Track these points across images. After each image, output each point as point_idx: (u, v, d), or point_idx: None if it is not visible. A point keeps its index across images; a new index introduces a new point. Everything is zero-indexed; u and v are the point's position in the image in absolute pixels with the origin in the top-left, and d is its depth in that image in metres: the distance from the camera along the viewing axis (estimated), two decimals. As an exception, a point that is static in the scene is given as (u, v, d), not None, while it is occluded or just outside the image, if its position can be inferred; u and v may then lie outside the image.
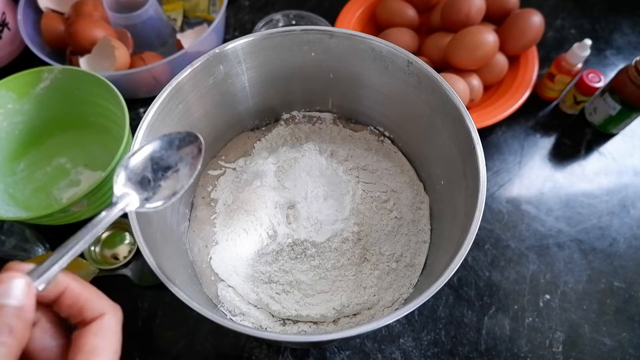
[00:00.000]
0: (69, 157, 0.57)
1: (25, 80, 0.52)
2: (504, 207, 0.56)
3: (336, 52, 0.44)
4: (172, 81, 0.39)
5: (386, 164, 0.50)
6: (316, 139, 0.53)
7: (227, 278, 0.44)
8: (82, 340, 0.21)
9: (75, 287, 0.23)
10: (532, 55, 0.63)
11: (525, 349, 0.47)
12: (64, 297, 0.22)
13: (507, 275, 0.51)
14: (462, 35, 0.57)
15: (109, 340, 0.22)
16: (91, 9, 0.62)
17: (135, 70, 0.56)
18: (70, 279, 0.23)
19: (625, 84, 0.55)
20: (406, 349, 0.47)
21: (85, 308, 0.22)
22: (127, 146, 0.48)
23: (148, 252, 0.32)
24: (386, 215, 0.47)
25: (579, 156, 0.60)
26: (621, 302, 0.50)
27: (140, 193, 0.29)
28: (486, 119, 0.57)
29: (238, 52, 0.43)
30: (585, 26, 0.72)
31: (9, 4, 0.64)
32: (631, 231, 0.54)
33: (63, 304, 0.22)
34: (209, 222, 0.48)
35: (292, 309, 0.42)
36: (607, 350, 0.47)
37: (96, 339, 0.22)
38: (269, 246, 0.44)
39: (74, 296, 0.22)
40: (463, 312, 0.49)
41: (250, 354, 0.47)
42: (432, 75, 0.40)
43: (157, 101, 0.38)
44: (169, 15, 0.71)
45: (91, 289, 0.23)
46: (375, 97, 0.48)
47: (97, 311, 0.22)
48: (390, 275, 0.44)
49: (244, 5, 0.75)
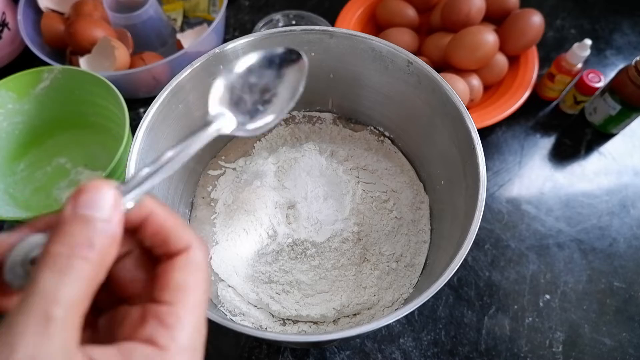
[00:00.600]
0: (69, 157, 0.57)
1: (25, 80, 0.52)
2: (504, 207, 0.56)
3: (336, 52, 0.44)
4: (172, 81, 0.40)
5: (386, 164, 0.50)
6: (316, 139, 0.53)
7: (227, 278, 0.44)
8: (168, 275, 0.19)
9: (160, 213, 0.20)
10: (532, 55, 0.63)
11: (525, 349, 0.47)
12: (148, 224, 0.20)
13: (507, 275, 0.51)
14: (462, 35, 0.57)
15: (197, 277, 0.19)
16: (91, 9, 0.62)
17: (135, 70, 0.56)
18: (154, 203, 0.20)
19: (625, 84, 0.55)
20: (406, 349, 0.47)
21: (170, 238, 0.19)
22: (127, 146, 0.48)
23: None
24: (386, 215, 0.47)
25: (579, 156, 0.60)
26: (621, 302, 0.50)
27: (236, 114, 0.25)
28: (486, 119, 0.57)
29: (238, 52, 0.43)
30: (585, 26, 0.72)
31: (9, 4, 0.64)
32: (631, 231, 0.54)
33: (147, 232, 0.20)
34: (209, 222, 0.48)
35: (292, 309, 0.42)
36: (607, 350, 0.47)
37: (183, 275, 0.19)
38: (269, 246, 0.44)
39: (158, 223, 0.20)
40: (463, 312, 0.49)
41: (250, 354, 0.47)
42: (432, 75, 0.40)
43: (157, 101, 0.38)
44: (169, 15, 0.71)
45: (176, 218, 0.20)
46: (375, 97, 0.48)
47: (182, 243, 0.19)
48: (390, 275, 0.44)
49: (244, 5, 0.75)
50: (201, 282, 0.19)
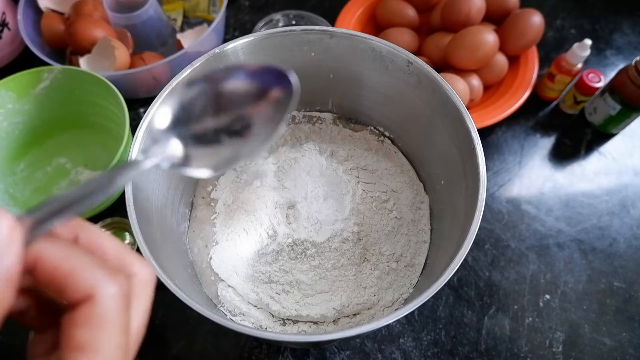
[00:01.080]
0: (69, 157, 0.57)
1: (25, 80, 0.52)
2: (504, 207, 0.56)
3: (336, 52, 0.44)
4: (172, 81, 0.39)
5: (386, 164, 0.50)
6: (316, 139, 0.53)
7: (227, 278, 0.44)
8: (69, 332, 0.15)
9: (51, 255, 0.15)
10: (532, 55, 0.63)
11: (525, 349, 0.47)
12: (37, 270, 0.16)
13: (507, 275, 0.51)
14: (462, 35, 0.57)
15: (105, 332, 0.15)
16: (91, 9, 0.62)
17: (135, 70, 0.56)
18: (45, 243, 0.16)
19: (625, 84, 0.55)
20: (406, 349, 0.47)
21: (66, 286, 0.15)
22: (127, 146, 0.48)
23: (148, 252, 0.32)
24: (386, 215, 0.47)
25: (579, 156, 0.60)
26: (621, 302, 0.50)
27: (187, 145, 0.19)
28: (486, 119, 0.57)
29: (238, 52, 0.43)
30: (585, 26, 0.72)
31: (9, 4, 0.64)
32: (631, 231, 0.54)
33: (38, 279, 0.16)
34: (209, 222, 0.48)
35: (292, 309, 0.42)
36: (607, 350, 0.47)
37: (86, 332, 0.15)
38: (269, 246, 0.44)
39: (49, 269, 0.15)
40: (463, 312, 0.49)
41: (250, 354, 0.47)
42: (432, 75, 0.40)
43: (157, 101, 0.38)
44: (169, 15, 0.71)
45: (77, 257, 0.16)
46: (375, 97, 0.48)
47: (82, 290, 0.15)
48: (390, 275, 0.44)
49: (244, 5, 0.75)
50: (113, 339, 0.16)
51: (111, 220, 0.51)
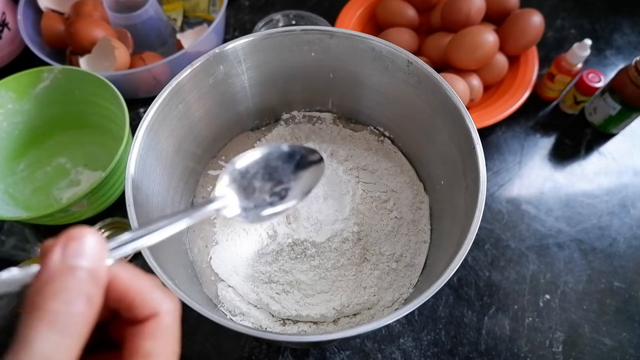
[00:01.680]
0: (69, 157, 0.57)
1: (25, 80, 0.52)
2: (504, 207, 0.56)
3: (336, 52, 0.44)
4: (172, 81, 0.39)
5: (386, 164, 0.50)
6: (316, 139, 0.53)
7: (227, 278, 0.44)
8: (136, 342, 0.18)
9: (123, 277, 0.19)
10: (532, 55, 0.63)
11: (525, 349, 0.47)
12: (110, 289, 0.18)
13: (507, 275, 0.51)
14: (462, 35, 0.57)
15: (166, 343, 0.19)
16: (91, 9, 0.62)
17: (135, 70, 0.56)
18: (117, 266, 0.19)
19: (625, 84, 0.55)
20: (406, 349, 0.47)
21: (135, 304, 0.19)
22: (127, 146, 0.48)
23: (148, 252, 0.32)
24: (386, 215, 0.47)
25: (579, 156, 0.60)
26: (621, 302, 0.50)
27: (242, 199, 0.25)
28: (486, 119, 0.57)
29: (238, 52, 0.43)
30: (585, 26, 0.72)
31: (9, 4, 0.64)
32: (631, 231, 0.54)
33: (110, 296, 0.18)
34: (209, 222, 0.48)
35: (292, 309, 0.42)
36: (607, 350, 0.47)
37: (151, 342, 0.18)
38: (269, 246, 0.44)
39: (122, 289, 0.19)
40: (463, 312, 0.49)
41: (250, 354, 0.47)
42: (432, 75, 0.40)
43: (157, 101, 0.38)
44: (169, 15, 0.71)
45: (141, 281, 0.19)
46: (375, 97, 0.48)
47: (149, 309, 0.19)
48: (390, 275, 0.44)
49: (244, 5, 0.75)
50: (171, 346, 0.19)
51: (111, 220, 0.51)
